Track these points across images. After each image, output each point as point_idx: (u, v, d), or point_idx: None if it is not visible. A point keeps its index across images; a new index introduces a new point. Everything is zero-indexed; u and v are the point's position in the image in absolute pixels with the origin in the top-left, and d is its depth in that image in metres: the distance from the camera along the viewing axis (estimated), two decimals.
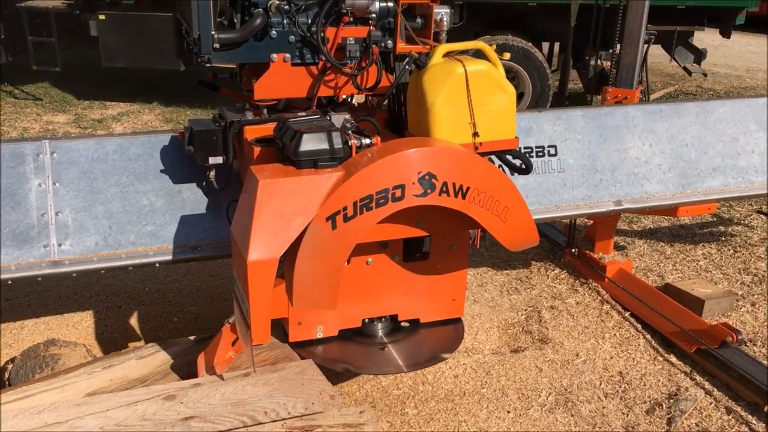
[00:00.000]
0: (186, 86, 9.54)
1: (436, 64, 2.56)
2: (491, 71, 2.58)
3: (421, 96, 2.54)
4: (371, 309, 2.86)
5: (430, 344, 2.98)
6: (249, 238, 2.25)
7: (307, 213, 2.30)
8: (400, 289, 2.84)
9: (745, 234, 5.22)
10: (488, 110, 2.58)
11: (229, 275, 4.45)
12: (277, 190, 2.29)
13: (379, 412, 3.28)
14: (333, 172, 2.37)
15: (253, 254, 2.25)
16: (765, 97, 4.19)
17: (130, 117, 8.25)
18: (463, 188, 2.43)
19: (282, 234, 2.28)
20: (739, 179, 3.97)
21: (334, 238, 2.34)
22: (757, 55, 12.87)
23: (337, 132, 2.44)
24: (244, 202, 2.42)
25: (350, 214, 2.32)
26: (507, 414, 3.30)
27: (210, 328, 3.86)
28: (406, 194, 2.36)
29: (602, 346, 3.81)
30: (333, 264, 2.39)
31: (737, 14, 7.76)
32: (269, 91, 2.80)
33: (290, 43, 2.75)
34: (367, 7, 2.72)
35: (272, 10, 2.70)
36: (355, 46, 2.75)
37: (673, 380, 3.52)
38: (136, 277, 4.37)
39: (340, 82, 2.86)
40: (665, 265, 4.75)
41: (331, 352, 2.87)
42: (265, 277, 2.29)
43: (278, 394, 2.64)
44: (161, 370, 2.88)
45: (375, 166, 2.32)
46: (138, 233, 3.00)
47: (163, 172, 3.08)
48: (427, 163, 2.37)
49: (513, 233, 2.59)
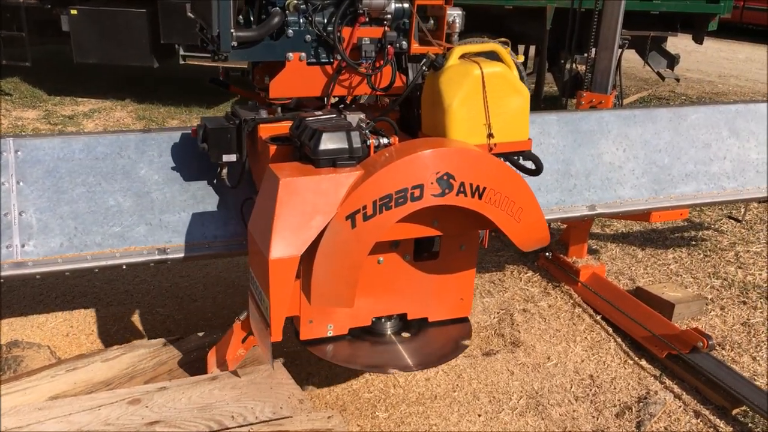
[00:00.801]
0: (159, 83, 9.43)
1: (453, 66, 2.59)
2: (506, 73, 2.62)
3: (438, 97, 2.57)
4: (381, 307, 2.85)
5: (442, 340, 2.97)
6: (270, 236, 2.26)
7: (326, 211, 2.32)
8: (410, 288, 2.85)
9: (715, 238, 5.27)
10: (503, 112, 2.62)
11: (198, 276, 4.40)
12: (298, 189, 2.31)
13: (349, 415, 3.25)
14: (352, 171, 2.39)
15: (274, 252, 2.26)
16: (737, 104, 4.23)
17: (102, 114, 8.12)
18: (480, 188, 2.46)
19: (302, 232, 2.30)
20: (711, 185, 4.00)
21: (354, 237, 2.36)
22: (728, 61, 13.05)
23: (356, 131, 2.46)
24: (263, 201, 2.43)
25: (370, 213, 2.34)
26: (478, 417, 3.29)
27: (179, 329, 3.82)
28: (424, 194, 2.39)
29: (573, 350, 3.82)
30: (352, 262, 2.41)
31: (710, 20, 7.85)
32: (284, 89, 2.82)
33: (306, 43, 2.77)
34: (384, 8, 2.74)
35: (290, 9, 2.73)
36: (371, 46, 2.77)
37: (643, 384, 3.54)
38: (104, 278, 4.29)
39: (354, 82, 2.88)
40: (637, 268, 4.78)
41: (344, 350, 2.87)
42: (286, 274, 2.31)
43: (246, 398, 2.60)
44: (127, 374, 2.83)
45: (395, 165, 2.35)
46: (104, 234, 2.94)
47: (131, 172, 3.02)
48: (445, 164, 2.39)
49: (526, 233, 2.63)
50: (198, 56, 7.76)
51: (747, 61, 13.19)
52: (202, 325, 3.88)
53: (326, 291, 2.43)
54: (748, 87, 10.78)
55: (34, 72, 9.09)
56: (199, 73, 9.35)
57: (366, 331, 2.88)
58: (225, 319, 3.94)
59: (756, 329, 4.03)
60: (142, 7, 7.55)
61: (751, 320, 4.13)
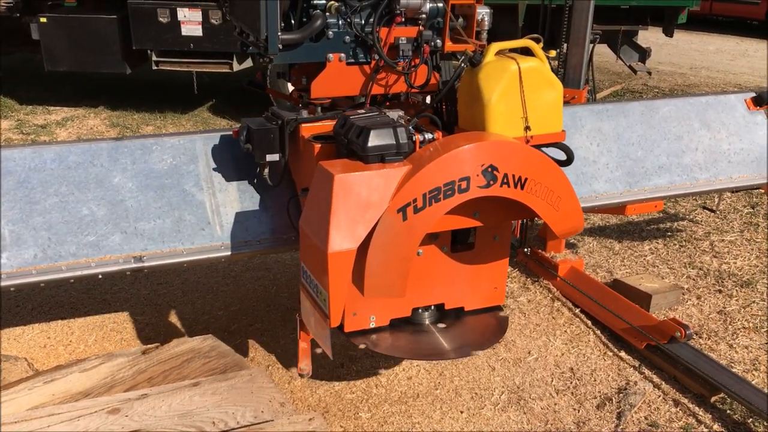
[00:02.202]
0: (133, 90, 9.36)
1: (491, 62, 2.72)
2: (541, 67, 2.75)
3: (477, 92, 2.69)
4: (421, 298, 2.92)
5: (480, 329, 3.05)
6: (328, 230, 2.38)
7: (379, 205, 2.43)
8: (447, 278, 2.92)
9: (690, 229, 5.34)
10: (539, 105, 2.75)
11: (176, 283, 4.37)
12: (352, 184, 2.41)
13: (332, 417, 3.25)
14: (401, 166, 2.50)
15: (333, 246, 2.38)
16: (707, 96, 4.28)
17: (75, 122, 8.04)
18: (522, 179, 2.57)
19: (358, 226, 2.42)
20: (684, 177, 4.04)
21: (405, 229, 2.47)
22: (699, 53, 13.21)
23: (402, 127, 2.56)
24: (316, 198, 2.54)
25: (420, 205, 2.45)
26: (460, 414, 3.30)
27: (158, 336, 3.79)
28: (471, 186, 2.49)
29: (553, 343, 3.85)
30: (403, 254, 2.52)
31: (679, 13, 7.95)
32: (325, 89, 2.94)
33: (345, 43, 2.88)
34: (420, 8, 2.86)
35: (330, 12, 2.84)
36: (408, 45, 2.90)
37: (623, 375, 3.58)
38: (80, 288, 4.25)
39: (390, 80, 3.00)
40: (614, 261, 4.82)
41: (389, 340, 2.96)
42: (344, 267, 2.44)
43: (227, 403, 2.59)
44: (106, 383, 2.80)
45: (443, 159, 2.45)
46: (79, 244, 2.91)
47: (104, 180, 3.00)
48: (489, 156, 2.51)
49: (564, 221, 2.75)
50: (171, 61, 7.69)
51: (717, 53, 13.35)
52: (182, 332, 3.86)
53: (379, 282, 2.53)
54: (719, 78, 10.92)
55: (5, 81, 8.98)
56: (172, 79, 9.30)
57: (406, 322, 2.97)
58: (204, 325, 3.93)
59: (732, 317, 4.09)
60: (112, 13, 7.47)
61: (726, 308, 4.19)
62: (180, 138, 3.19)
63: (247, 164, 3.18)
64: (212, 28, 7.34)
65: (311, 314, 2.77)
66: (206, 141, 3.20)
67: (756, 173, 4.12)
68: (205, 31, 7.36)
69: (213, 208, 3.11)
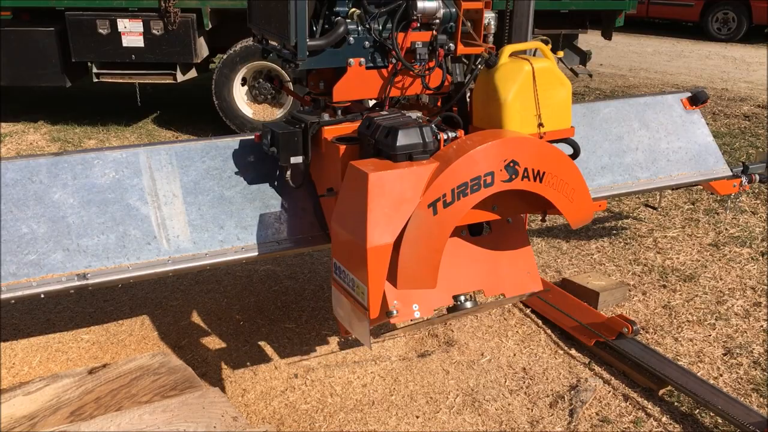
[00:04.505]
0: (73, 103, 9.14)
1: (506, 63, 2.89)
2: (553, 67, 2.93)
3: (493, 92, 2.86)
4: (458, 286, 2.96)
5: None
6: (366, 226, 2.49)
7: (411, 201, 2.55)
8: (475, 265, 2.99)
9: (634, 226, 5.47)
10: (550, 103, 2.92)
11: (123, 299, 4.28)
12: (385, 182, 2.53)
13: (287, 428, 3.22)
14: (429, 164, 2.62)
15: (371, 241, 2.49)
16: (645, 96, 4.40)
17: (14, 138, 7.81)
18: (540, 173, 2.71)
19: (393, 221, 2.53)
20: (626, 176, 4.13)
21: (435, 223, 2.58)
22: (638, 55, 13.55)
23: (428, 127, 2.68)
24: (349, 196, 2.64)
25: (449, 200, 2.57)
26: (416, 419, 3.31)
27: (106, 355, 3.70)
28: (495, 180, 2.62)
29: (506, 344, 3.89)
30: (434, 246, 2.63)
31: (616, 16, 8.13)
32: (347, 93, 3.04)
33: (365, 49, 2.99)
34: (435, 13, 2.98)
35: (353, 19, 2.95)
36: (424, 49, 3.02)
37: (574, 372, 3.64)
38: (23, 308, 4.12)
39: (406, 83, 3.12)
40: (562, 260, 4.90)
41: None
42: (382, 260, 2.54)
43: (178, 420, 2.54)
44: (51, 406, 2.71)
45: (469, 156, 2.58)
46: (19, 263, 2.82)
47: (43, 197, 2.92)
48: (510, 152, 2.64)
49: (577, 212, 2.89)
50: (112, 73, 7.54)
51: (655, 54, 13.73)
52: (131, 349, 3.78)
53: (412, 274, 2.64)
54: (657, 79, 11.23)
55: None
56: (114, 91, 9.12)
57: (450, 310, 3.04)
58: (154, 341, 3.85)
59: (676, 311, 4.20)
60: (50, 25, 7.29)
61: (671, 303, 4.30)
62: (123, 151, 3.13)
63: (195, 175, 3.14)
64: (154, 39, 7.22)
65: (348, 308, 2.81)
66: (150, 153, 3.14)
67: (694, 170, 4.24)
68: (147, 42, 7.23)
69: (159, 221, 3.05)
